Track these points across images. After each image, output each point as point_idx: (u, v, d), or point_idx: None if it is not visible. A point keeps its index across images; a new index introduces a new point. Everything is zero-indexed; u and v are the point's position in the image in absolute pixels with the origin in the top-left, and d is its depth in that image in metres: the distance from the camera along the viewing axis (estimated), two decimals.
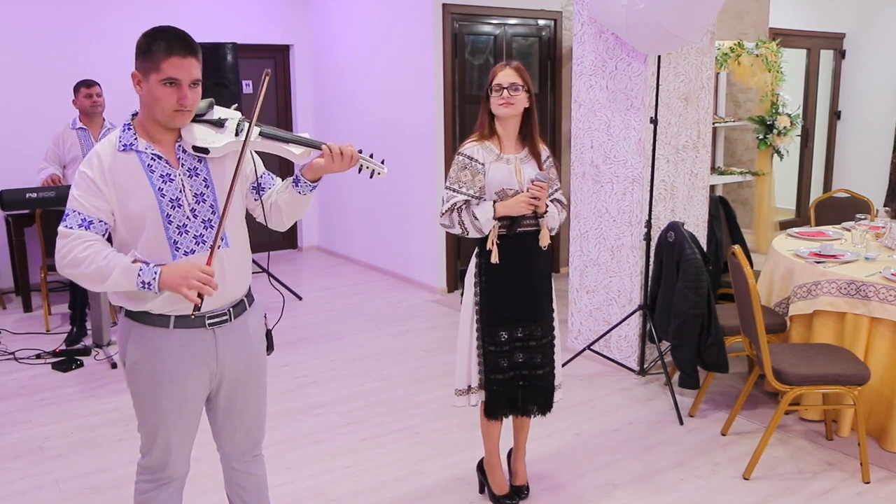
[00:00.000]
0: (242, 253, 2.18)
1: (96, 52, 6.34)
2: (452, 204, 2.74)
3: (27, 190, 4.93)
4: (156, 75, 1.93)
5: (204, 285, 1.92)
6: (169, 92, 1.94)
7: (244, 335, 2.20)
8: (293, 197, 2.18)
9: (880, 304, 3.34)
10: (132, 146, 2.01)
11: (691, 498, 3.07)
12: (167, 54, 1.92)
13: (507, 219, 2.74)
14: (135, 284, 1.93)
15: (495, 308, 2.80)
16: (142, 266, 1.94)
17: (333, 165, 2.11)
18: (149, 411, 2.12)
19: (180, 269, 1.93)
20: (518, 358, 2.83)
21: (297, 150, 2.15)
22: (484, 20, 6.04)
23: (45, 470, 3.35)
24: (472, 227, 2.72)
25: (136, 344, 2.08)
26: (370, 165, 2.22)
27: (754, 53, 6.71)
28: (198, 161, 2.07)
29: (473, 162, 2.74)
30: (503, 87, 2.71)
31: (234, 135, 2.09)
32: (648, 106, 4.12)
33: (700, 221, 4.53)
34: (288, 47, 7.57)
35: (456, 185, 2.75)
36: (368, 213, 6.96)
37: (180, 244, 2.04)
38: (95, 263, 1.92)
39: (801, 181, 8.91)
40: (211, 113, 2.10)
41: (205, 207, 2.07)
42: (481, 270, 2.80)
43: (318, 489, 3.16)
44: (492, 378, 2.82)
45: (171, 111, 1.97)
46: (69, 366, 4.55)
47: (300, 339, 5.05)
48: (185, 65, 1.94)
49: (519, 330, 2.82)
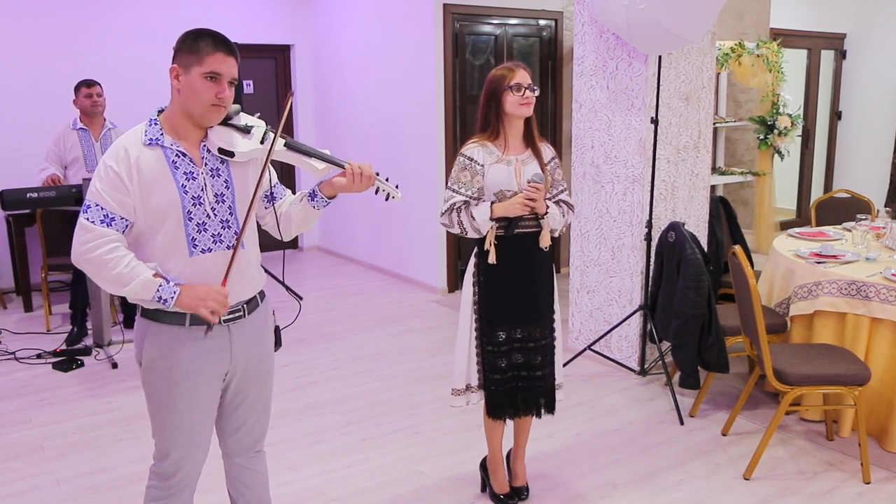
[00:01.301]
0: (255, 254, 2.24)
1: (96, 51, 6.33)
2: (451, 204, 2.76)
3: (28, 190, 4.93)
4: (198, 68, 1.98)
5: (219, 306, 2.01)
6: (209, 86, 1.99)
7: (257, 331, 2.24)
8: (307, 211, 2.26)
9: (881, 304, 3.34)
10: (158, 141, 2.04)
11: (692, 498, 3.07)
12: (213, 50, 1.99)
13: (504, 219, 2.74)
14: (151, 297, 1.98)
15: (493, 308, 2.80)
16: (161, 283, 1.99)
17: (353, 185, 2.19)
18: (164, 412, 2.13)
19: (199, 291, 2.00)
20: (517, 359, 2.83)
21: (320, 166, 2.20)
22: (485, 20, 6.04)
23: (46, 470, 3.35)
24: (471, 227, 2.73)
25: (152, 342, 2.10)
26: (385, 188, 2.28)
27: (755, 54, 6.71)
28: (220, 162, 2.11)
29: (473, 163, 2.75)
30: (523, 86, 2.71)
31: (259, 142, 2.14)
32: (649, 106, 4.11)
33: (701, 221, 4.53)
34: (289, 47, 7.57)
35: (455, 185, 2.76)
36: (369, 213, 6.96)
37: (198, 241, 2.06)
38: (118, 269, 1.96)
39: (802, 181, 8.91)
40: (238, 119, 2.15)
41: (223, 208, 2.11)
42: (479, 270, 2.81)
43: (319, 489, 3.17)
44: (490, 378, 2.83)
45: (208, 105, 2.01)
46: (70, 366, 4.55)
47: (301, 339, 5.05)
48: (228, 62, 2.02)
49: (518, 331, 2.82)
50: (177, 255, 2.04)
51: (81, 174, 5.09)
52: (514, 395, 2.86)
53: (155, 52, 6.31)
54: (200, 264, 2.07)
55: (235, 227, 2.13)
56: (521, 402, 2.88)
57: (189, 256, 2.05)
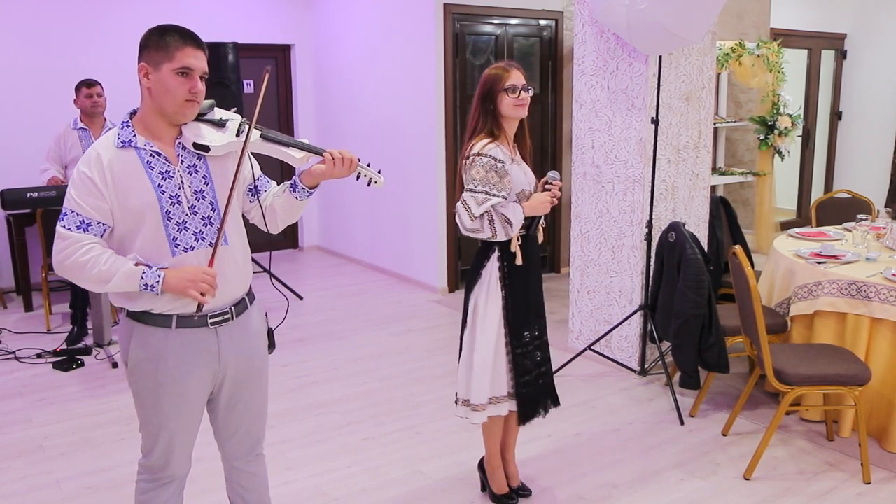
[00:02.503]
0: (242, 251, 2.20)
1: (97, 51, 6.34)
2: (489, 207, 2.65)
3: (28, 189, 4.93)
4: (169, 65, 1.96)
5: (209, 287, 1.96)
6: (181, 82, 1.97)
7: (246, 334, 2.21)
8: (290, 202, 2.23)
9: (881, 304, 3.34)
10: (131, 143, 2.02)
11: (692, 498, 3.07)
12: (182, 44, 1.97)
13: (527, 219, 2.76)
14: (137, 287, 1.96)
15: (520, 309, 2.81)
16: (145, 269, 1.96)
17: (334, 171, 2.15)
18: (150, 411, 2.12)
19: (185, 272, 1.97)
20: (537, 356, 2.88)
21: (298, 155, 2.17)
22: (485, 20, 6.04)
23: (46, 469, 3.35)
24: (503, 229, 2.68)
25: (138, 344, 2.09)
26: (368, 174, 2.26)
27: (755, 54, 6.71)
28: (197, 158, 2.08)
29: (499, 163, 2.67)
30: (518, 87, 2.71)
31: (235, 135, 2.11)
32: (649, 106, 4.12)
33: (701, 222, 4.53)
34: (289, 47, 7.57)
35: (486, 187, 2.64)
36: (369, 212, 6.96)
37: (179, 241, 2.04)
38: (97, 268, 1.94)
39: (802, 181, 8.90)
40: (212, 113, 2.13)
41: (204, 204, 2.08)
42: (505, 274, 2.77)
43: (319, 489, 3.17)
44: (521, 381, 2.83)
45: (182, 101, 1.99)
46: (70, 365, 4.55)
47: (301, 339, 5.05)
48: (198, 56, 2.00)
49: (535, 328, 2.88)
50: (159, 256, 2.02)
51: None
52: (540, 395, 2.90)
53: None
54: (184, 263, 2.04)
55: (218, 222, 2.10)
56: (544, 399, 2.92)
57: (172, 256, 2.03)
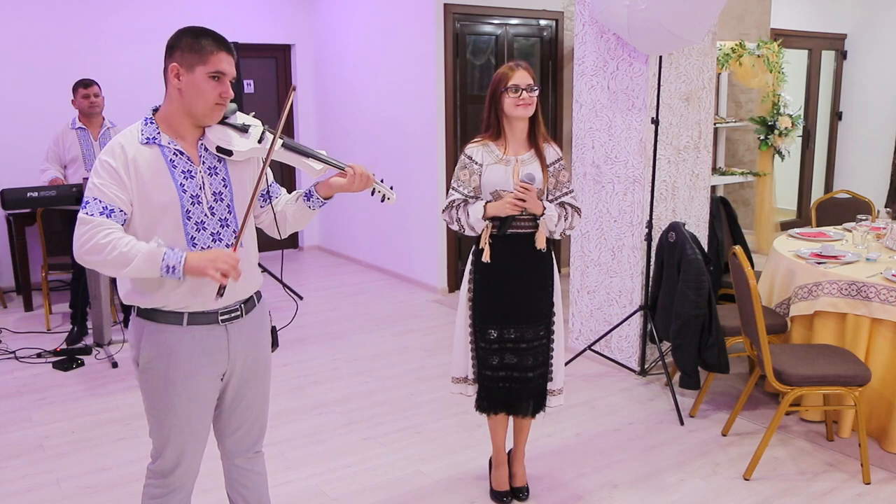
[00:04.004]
0: (254, 253, 2.25)
1: (96, 51, 6.33)
2: (451, 201, 2.83)
3: (28, 189, 4.93)
4: (203, 68, 1.99)
5: (231, 269, 1.95)
6: (213, 85, 2.01)
7: (254, 331, 2.24)
8: (302, 210, 2.27)
9: (881, 304, 3.34)
10: (155, 140, 2.04)
11: (692, 498, 3.07)
12: (217, 49, 2.01)
13: (497, 219, 2.76)
14: (158, 270, 1.94)
15: (485, 306, 2.83)
16: (166, 251, 1.95)
17: (352, 186, 2.21)
18: (162, 411, 2.12)
19: (207, 253, 1.98)
20: (510, 360, 2.84)
21: (318, 167, 2.20)
22: (485, 20, 6.04)
23: (46, 469, 3.35)
24: (467, 225, 2.79)
25: (149, 342, 2.09)
26: (382, 190, 2.30)
27: (756, 54, 6.71)
28: (218, 161, 2.11)
29: (471, 162, 2.80)
30: (521, 87, 2.71)
31: (257, 142, 2.14)
32: (650, 106, 4.12)
33: (701, 222, 4.53)
34: (289, 47, 7.57)
35: (456, 183, 2.84)
36: (370, 212, 6.96)
37: (197, 240, 2.06)
38: (118, 249, 1.93)
39: (803, 182, 8.90)
40: (234, 118, 2.15)
41: (222, 207, 2.11)
42: (475, 268, 2.85)
43: (319, 488, 3.17)
44: (482, 374, 2.87)
45: (212, 104, 2.02)
46: (70, 365, 4.55)
47: (301, 339, 5.05)
48: (230, 61, 2.04)
49: (511, 331, 2.82)
50: None
51: (81, 173, 5.09)
52: (503, 394, 2.87)
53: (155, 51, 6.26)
54: None
55: (234, 225, 2.13)
56: (510, 401, 2.89)
57: None
